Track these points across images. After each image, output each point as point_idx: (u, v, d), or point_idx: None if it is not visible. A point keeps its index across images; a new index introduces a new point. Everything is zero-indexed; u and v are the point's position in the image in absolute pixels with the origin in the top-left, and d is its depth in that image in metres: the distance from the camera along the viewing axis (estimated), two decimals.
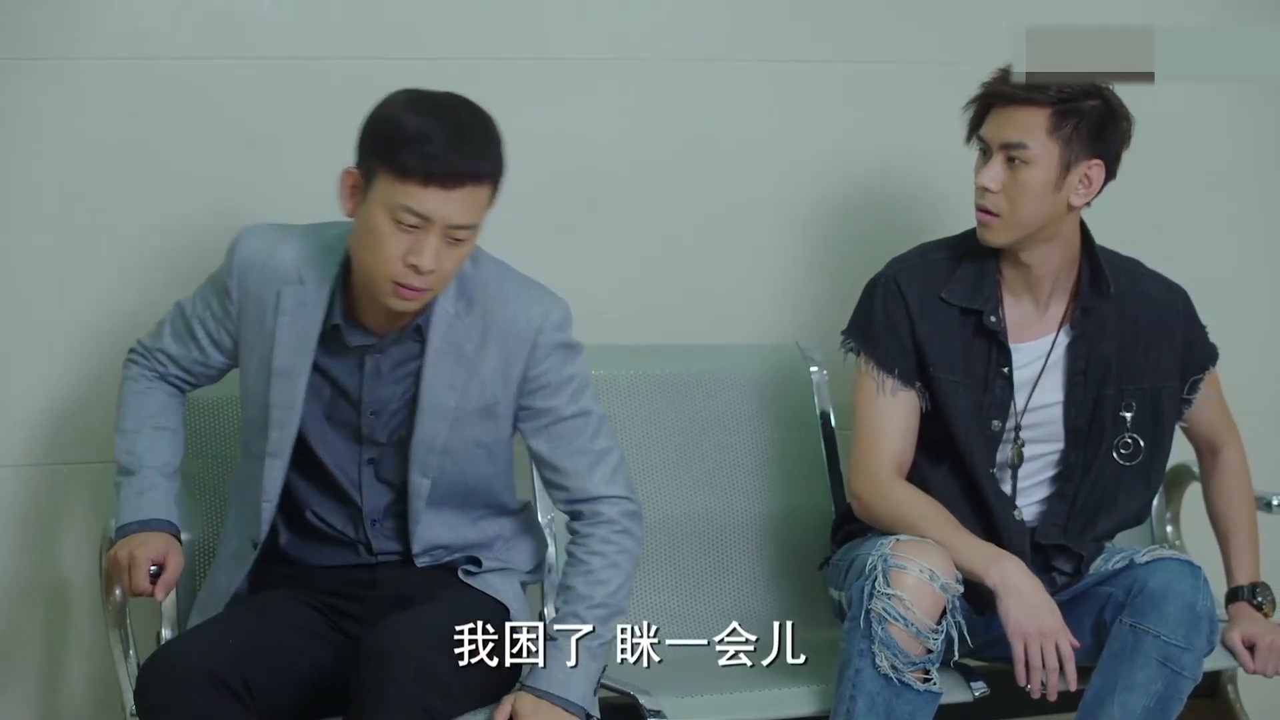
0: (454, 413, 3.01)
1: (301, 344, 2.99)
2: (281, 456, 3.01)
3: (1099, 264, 3.32)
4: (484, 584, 3.06)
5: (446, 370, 3.01)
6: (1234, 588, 3.41)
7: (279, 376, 2.99)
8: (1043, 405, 3.32)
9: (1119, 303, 3.34)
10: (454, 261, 2.91)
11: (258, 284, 3.02)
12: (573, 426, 3.06)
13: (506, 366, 3.03)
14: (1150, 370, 3.36)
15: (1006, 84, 3.22)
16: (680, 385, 3.64)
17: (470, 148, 2.88)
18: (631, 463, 3.48)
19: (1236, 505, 3.48)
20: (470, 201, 2.88)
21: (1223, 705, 3.59)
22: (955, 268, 3.32)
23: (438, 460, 3.02)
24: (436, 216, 2.85)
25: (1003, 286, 3.31)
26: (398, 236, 2.85)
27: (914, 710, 3.03)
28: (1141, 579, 3.15)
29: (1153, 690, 3.10)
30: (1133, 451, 3.34)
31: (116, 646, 3.12)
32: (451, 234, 2.87)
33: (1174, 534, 3.72)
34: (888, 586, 3.02)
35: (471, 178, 2.87)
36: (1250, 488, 3.51)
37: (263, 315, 3.01)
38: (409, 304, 2.91)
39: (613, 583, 3.00)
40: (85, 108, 3.46)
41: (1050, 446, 3.34)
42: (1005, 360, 3.30)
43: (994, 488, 3.30)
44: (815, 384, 3.69)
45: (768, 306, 3.82)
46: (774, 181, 3.83)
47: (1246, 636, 3.31)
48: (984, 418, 3.30)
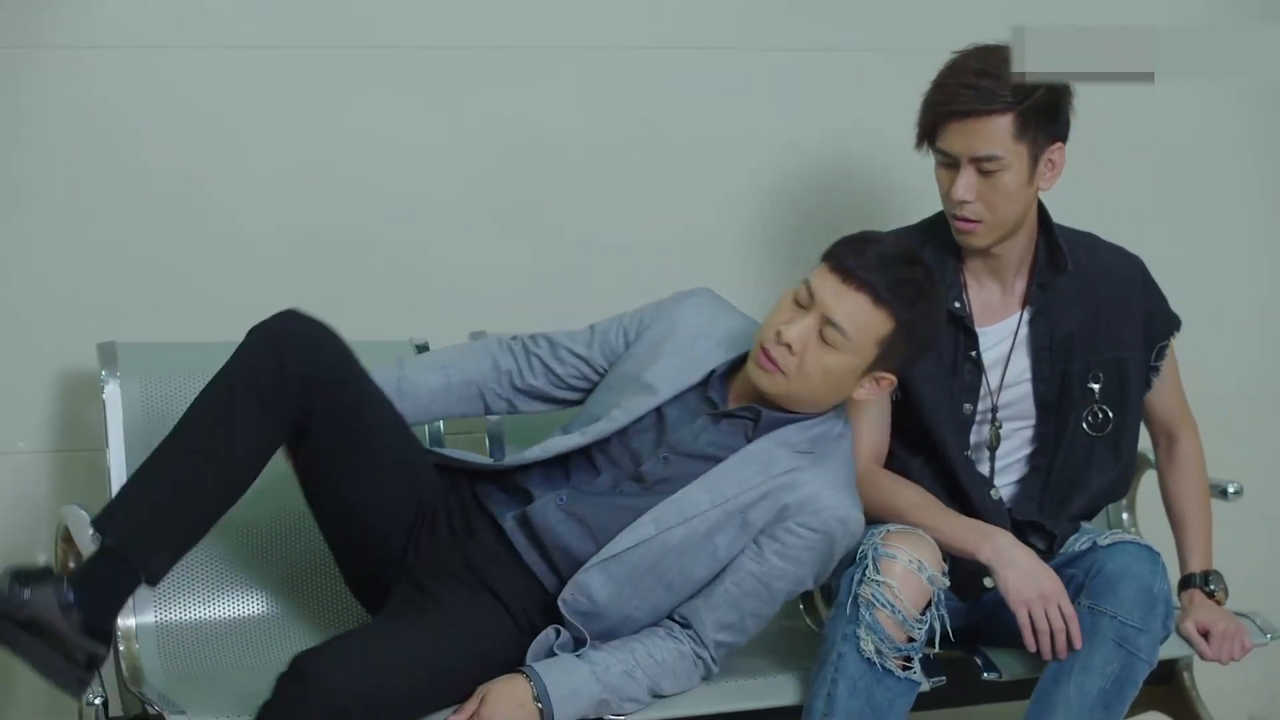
0: (704, 514, 3.04)
1: (678, 376, 3.16)
2: (585, 435, 3.12)
3: (1055, 240, 3.34)
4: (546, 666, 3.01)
5: (734, 472, 3.07)
6: (1186, 575, 3.43)
7: (640, 387, 3.15)
8: (1014, 383, 3.35)
9: (1079, 277, 3.36)
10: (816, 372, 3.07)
11: (680, 331, 3.23)
12: (749, 588, 3.06)
13: (778, 517, 3.05)
14: (1114, 341, 3.39)
15: (959, 98, 3.19)
16: None
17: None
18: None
19: (1192, 494, 3.50)
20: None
21: (1178, 693, 3.60)
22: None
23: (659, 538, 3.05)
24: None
25: (966, 273, 3.34)
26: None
27: (894, 697, 3.05)
28: (1100, 561, 3.18)
29: (1109, 672, 3.12)
30: (1101, 422, 3.37)
31: None
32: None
33: (1129, 521, 3.73)
34: (877, 574, 3.05)
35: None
36: (1205, 477, 3.52)
37: (662, 342, 3.20)
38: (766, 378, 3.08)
39: (659, 658, 3.02)
40: (39, 97, 3.44)
41: (1024, 424, 3.36)
42: (972, 344, 3.32)
43: (970, 470, 3.32)
44: None
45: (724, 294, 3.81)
46: (730, 170, 3.83)
47: (1201, 624, 3.32)
48: (955, 402, 3.33)
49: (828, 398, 3.11)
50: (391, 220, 3.63)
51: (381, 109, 3.62)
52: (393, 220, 3.63)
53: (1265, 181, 4.26)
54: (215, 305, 3.53)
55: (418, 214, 3.65)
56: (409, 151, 3.64)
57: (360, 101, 3.61)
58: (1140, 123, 3.60)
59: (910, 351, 3.12)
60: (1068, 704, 3.12)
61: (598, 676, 2.96)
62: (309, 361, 2.96)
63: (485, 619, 3.02)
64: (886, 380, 3.12)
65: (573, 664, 2.98)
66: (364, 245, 3.62)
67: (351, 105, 3.60)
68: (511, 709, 2.92)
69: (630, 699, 2.99)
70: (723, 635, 3.05)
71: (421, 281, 3.64)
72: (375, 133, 3.62)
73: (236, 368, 2.96)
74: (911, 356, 3.13)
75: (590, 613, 3.03)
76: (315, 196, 3.60)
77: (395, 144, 3.63)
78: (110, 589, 2.90)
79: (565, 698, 2.94)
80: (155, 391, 3.26)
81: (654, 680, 3.00)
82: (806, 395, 3.09)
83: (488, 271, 3.68)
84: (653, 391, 3.16)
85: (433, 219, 3.67)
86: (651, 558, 3.03)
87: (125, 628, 3.15)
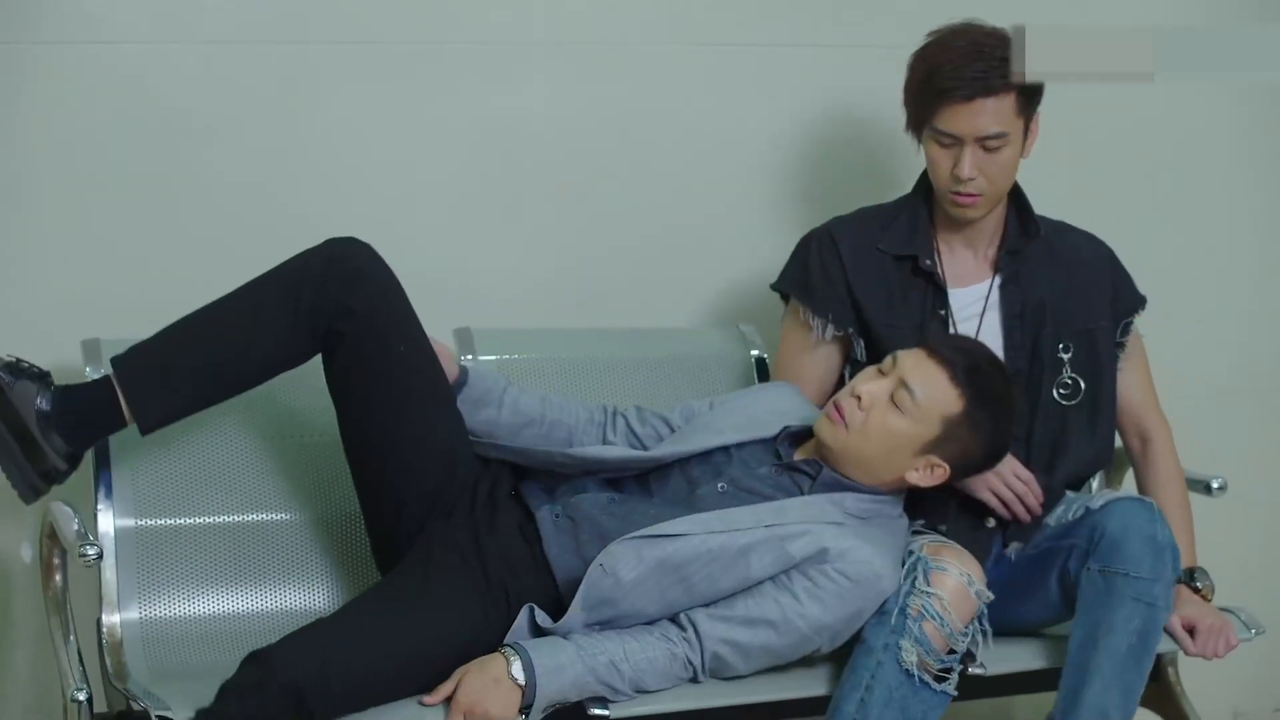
0: (747, 530, 3.07)
1: (749, 426, 3.31)
2: (648, 453, 3.24)
3: (1027, 206, 3.43)
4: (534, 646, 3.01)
5: (783, 506, 3.13)
6: None
7: (712, 432, 3.30)
8: (989, 347, 3.38)
9: (1049, 252, 3.44)
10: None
11: (760, 401, 3.39)
12: (770, 615, 3.06)
13: (817, 558, 3.07)
14: (1083, 312, 3.45)
15: (962, 83, 3.26)
16: (621, 369, 3.64)
17: None
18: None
19: (1171, 491, 3.52)
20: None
21: (1164, 688, 3.60)
22: (891, 221, 3.44)
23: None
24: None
25: (938, 237, 3.41)
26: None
27: (927, 710, 3.07)
28: (1100, 524, 3.21)
29: (1132, 628, 3.15)
30: (1072, 391, 3.43)
31: (57, 632, 3.11)
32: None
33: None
34: (928, 585, 3.07)
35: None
36: (1181, 473, 3.55)
37: (741, 401, 3.39)
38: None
39: (649, 655, 3.01)
40: (24, 94, 3.44)
41: None
42: (941, 303, 3.39)
43: None
44: (755, 366, 3.71)
45: (708, 290, 3.83)
46: (710, 165, 3.84)
47: (1186, 619, 3.33)
48: None
49: (883, 465, 3.17)
50: (375, 216, 3.62)
51: (364, 104, 3.62)
52: (376, 216, 3.62)
53: (1258, 177, 4.28)
54: (199, 301, 3.49)
55: (401, 209, 3.66)
56: (392, 147, 3.64)
57: (344, 97, 3.61)
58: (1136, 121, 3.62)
59: (970, 447, 3.17)
60: (1100, 669, 3.15)
61: (583, 659, 2.95)
62: (351, 286, 3.03)
63: (476, 608, 3.02)
64: (941, 469, 3.16)
65: (559, 642, 2.98)
66: None
67: (335, 100, 3.61)
68: (486, 684, 2.91)
69: (612, 688, 2.98)
70: (724, 650, 3.04)
71: (406, 277, 3.62)
72: (359, 128, 3.62)
73: (287, 268, 3.06)
74: (970, 453, 3.18)
75: (608, 599, 3.02)
76: (299, 192, 3.60)
77: (378, 139, 3.63)
78: (94, 416, 3.00)
79: (550, 671, 2.93)
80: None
81: (638, 676, 3.00)
82: (864, 455, 3.16)
83: (471, 267, 3.69)
84: (721, 434, 3.24)
85: (416, 214, 3.67)
86: (683, 556, 3.04)
87: (109, 624, 3.15)
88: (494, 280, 3.70)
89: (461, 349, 3.53)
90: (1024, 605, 3.30)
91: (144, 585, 3.20)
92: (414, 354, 3.10)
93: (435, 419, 3.14)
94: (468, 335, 3.54)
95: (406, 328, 3.10)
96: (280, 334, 3.03)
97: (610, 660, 2.98)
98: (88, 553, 2.98)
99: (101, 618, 3.17)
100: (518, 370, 3.54)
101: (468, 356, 3.52)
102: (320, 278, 3.03)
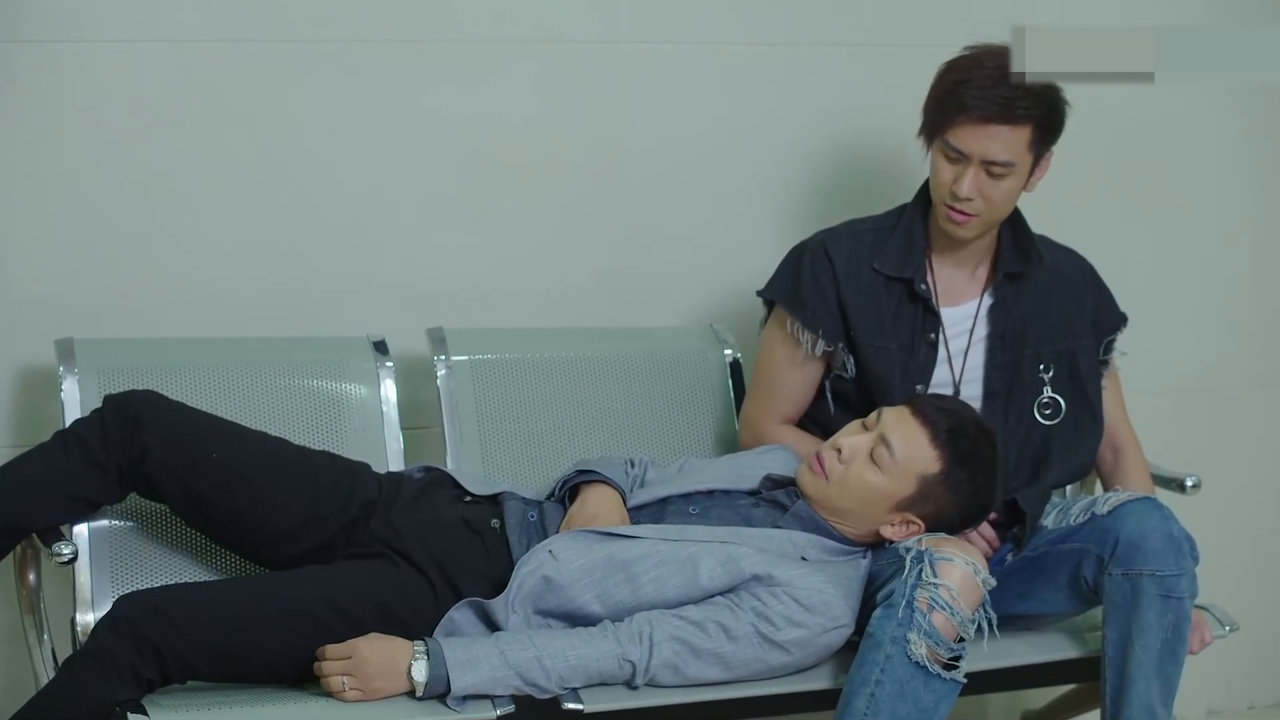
0: (700, 543, 3.12)
1: (734, 478, 3.37)
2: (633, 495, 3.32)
3: (1026, 231, 3.43)
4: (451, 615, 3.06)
5: (743, 529, 3.19)
6: None
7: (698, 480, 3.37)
8: (974, 366, 3.42)
9: (1031, 270, 3.44)
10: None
11: (749, 457, 3.47)
12: (724, 622, 3.07)
13: (767, 581, 3.10)
14: (1063, 332, 3.46)
15: (983, 103, 3.25)
16: (594, 368, 3.64)
17: None
18: (545, 446, 3.52)
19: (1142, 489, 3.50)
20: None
21: None
22: (885, 240, 3.42)
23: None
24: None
25: (932, 256, 3.41)
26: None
27: (938, 699, 3.08)
28: (1113, 529, 3.22)
29: (1165, 624, 3.18)
30: (1053, 411, 3.44)
31: (31, 631, 3.11)
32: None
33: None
34: (935, 577, 3.07)
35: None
36: (1151, 480, 3.57)
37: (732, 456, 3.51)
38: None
39: (580, 653, 3.00)
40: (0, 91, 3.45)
41: (975, 407, 3.41)
42: (932, 326, 3.39)
43: None
44: (729, 366, 3.70)
45: (682, 289, 3.83)
46: (685, 165, 3.84)
47: None
48: (908, 382, 3.39)
49: (858, 517, 3.20)
50: (349, 215, 3.63)
51: (338, 103, 3.62)
52: (350, 215, 3.63)
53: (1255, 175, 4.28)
54: (172, 301, 3.53)
55: (375, 209, 3.65)
56: (366, 146, 3.64)
57: (317, 95, 3.60)
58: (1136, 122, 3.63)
59: (946, 508, 3.19)
60: (1140, 667, 3.18)
61: (502, 652, 2.95)
62: (138, 430, 3.07)
63: (390, 571, 3.07)
64: (916, 526, 3.18)
65: (477, 639, 2.98)
66: (321, 240, 3.63)
67: (309, 99, 3.60)
68: (381, 660, 2.93)
69: (535, 685, 2.96)
70: (674, 648, 3.02)
71: (379, 277, 3.64)
72: (332, 127, 3.61)
73: (73, 431, 3.12)
74: (946, 513, 3.20)
75: (553, 584, 3.04)
76: (273, 192, 3.59)
77: (352, 138, 3.63)
78: None
79: (463, 664, 2.93)
80: (113, 388, 3.24)
81: (563, 675, 2.98)
82: (840, 507, 3.19)
83: (444, 267, 3.69)
84: (704, 481, 3.29)
85: (390, 214, 3.66)
86: (633, 554, 3.07)
87: (83, 623, 3.15)
88: (467, 280, 3.70)
89: (434, 349, 3.53)
90: (1023, 604, 3.32)
91: (117, 585, 3.18)
92: (226, 446, 3.15)
93: (276, 475, 3.17)
94: (440, 335, 3.54)
95: (209, 433, 3.15)
96: (91, 477, 3.10)
97: (534, 655, 2.96)
98: (62, 552, 2.99)
99: (75, 617, 3.17)
100: (490, 370, 3.55)
101: (440, 356, 3.52)
102: (103, 437, 3.08)
